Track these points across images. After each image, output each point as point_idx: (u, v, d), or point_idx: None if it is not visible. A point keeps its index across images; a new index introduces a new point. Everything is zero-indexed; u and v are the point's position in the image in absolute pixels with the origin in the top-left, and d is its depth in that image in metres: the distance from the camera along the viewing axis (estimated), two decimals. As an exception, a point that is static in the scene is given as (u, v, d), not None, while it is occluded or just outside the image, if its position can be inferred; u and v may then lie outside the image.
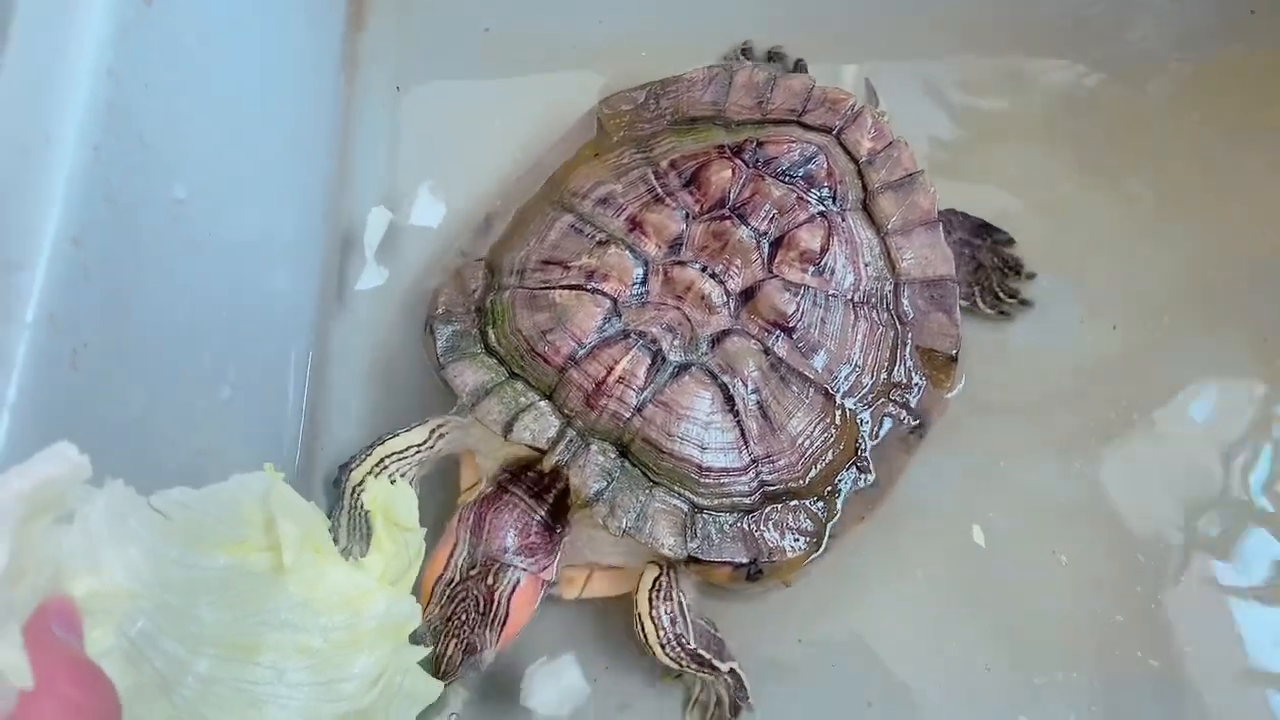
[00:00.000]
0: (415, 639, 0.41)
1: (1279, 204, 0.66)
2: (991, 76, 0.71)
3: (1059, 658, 0.56)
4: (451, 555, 0.51)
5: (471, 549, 0.51)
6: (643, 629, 0.52)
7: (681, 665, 0.53)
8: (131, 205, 0.44)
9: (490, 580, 0.50)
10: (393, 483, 0.53)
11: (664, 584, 0.52)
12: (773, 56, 0.72)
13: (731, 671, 0.53)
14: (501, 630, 0.50)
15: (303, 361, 0.63)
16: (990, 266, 0.65)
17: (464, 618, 0.49)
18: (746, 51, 0.73)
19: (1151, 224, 0.67)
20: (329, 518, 0.54)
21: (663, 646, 0.52)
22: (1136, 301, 0.65)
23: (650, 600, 0.52)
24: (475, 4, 0.74)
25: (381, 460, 0.56)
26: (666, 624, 0.52)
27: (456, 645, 0.49)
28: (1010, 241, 0.66)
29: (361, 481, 0.56)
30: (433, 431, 0.56)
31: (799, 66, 0.71)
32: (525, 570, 0.50)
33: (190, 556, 0.35)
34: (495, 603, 0.50)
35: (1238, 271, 0.65)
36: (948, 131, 0.70)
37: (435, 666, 0.49)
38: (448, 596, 0.50)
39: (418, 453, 0.56)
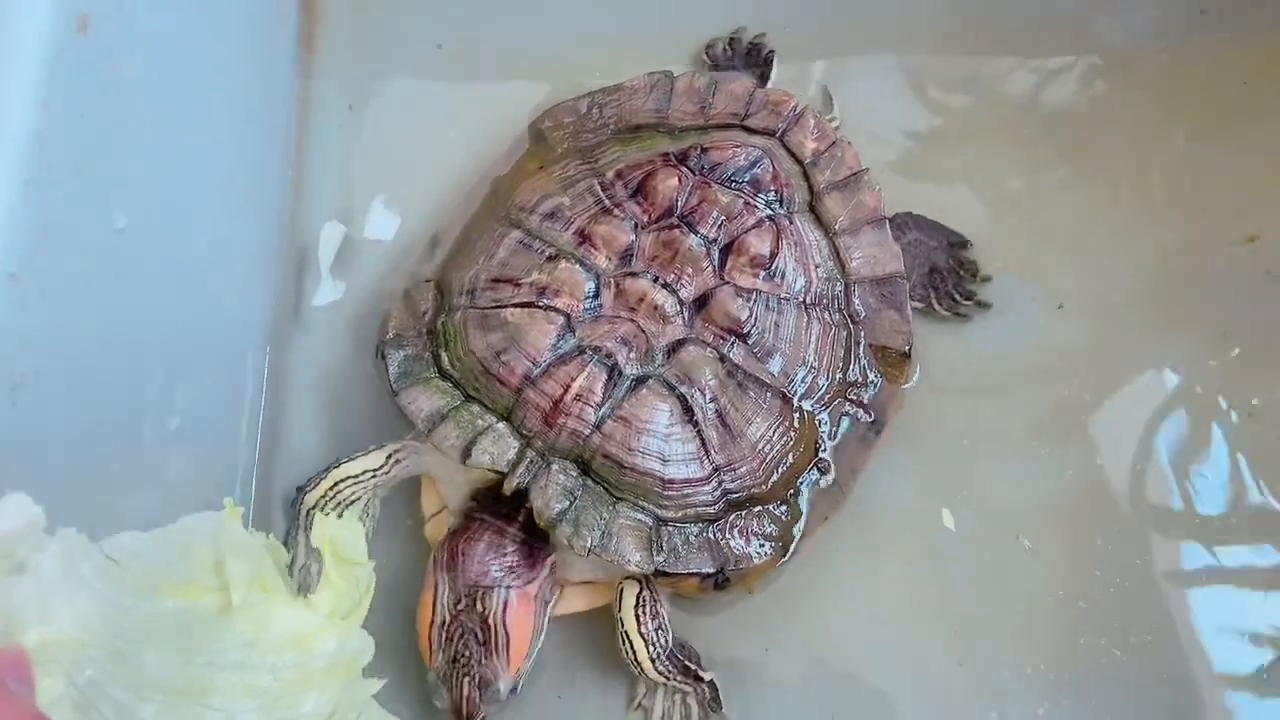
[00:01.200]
0: (369, 673, 0.41)
1: (1242, 199, 0.67)
2: (956, 75, 0.72)
3: (1027, 649, 0.57)
4: (435, 598, 0.50)
5: (452, 584, 0.50)
6: (631, 646, 0.52)
7: (669, 678, 0.53)
8: (69, 237, 0.43)
9: (479, 607, 0.49)
10: (348, 506, 0.53)
11: (647, 599, 0.52)
12: (750, 49, 0.72)
13: (711, 681, 0.54)
14: (508, 654, 0.49)
15: (257, 385, 0.62)
16: (945, 269, 0.65)
17: (467, 653, 0.49)
18: (734, 43, 0.72)
19: (1115, 220, 0.67)
20: (286, 541, 0.55)
21: (653, 661, 0.52)
22: (1099, 296, 0.65)
23: (637, 617, 0.52)
24: (427, 22, 0.73)
25: (336, 484, 0.55)
26: (655, 638, 0.52)
27: (470, 683, 0.49)
28: (965, 244, 0.66)
29: (316, 505, 0.55)
30: (389, 456, 0.56)
31: (768, 59, 0.71)
32: (510, 587, 0.50)
33: (140, 602, 0.35)
34: (492, 628, 0.49)
35: (1200, 266, 0.66)
36: (912, 130, 0.70)
37: (456, 712, 0.49)
38: (445, 638, 0.49)
39: (373, 478, 0.56)
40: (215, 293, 0.58)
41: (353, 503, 0.55)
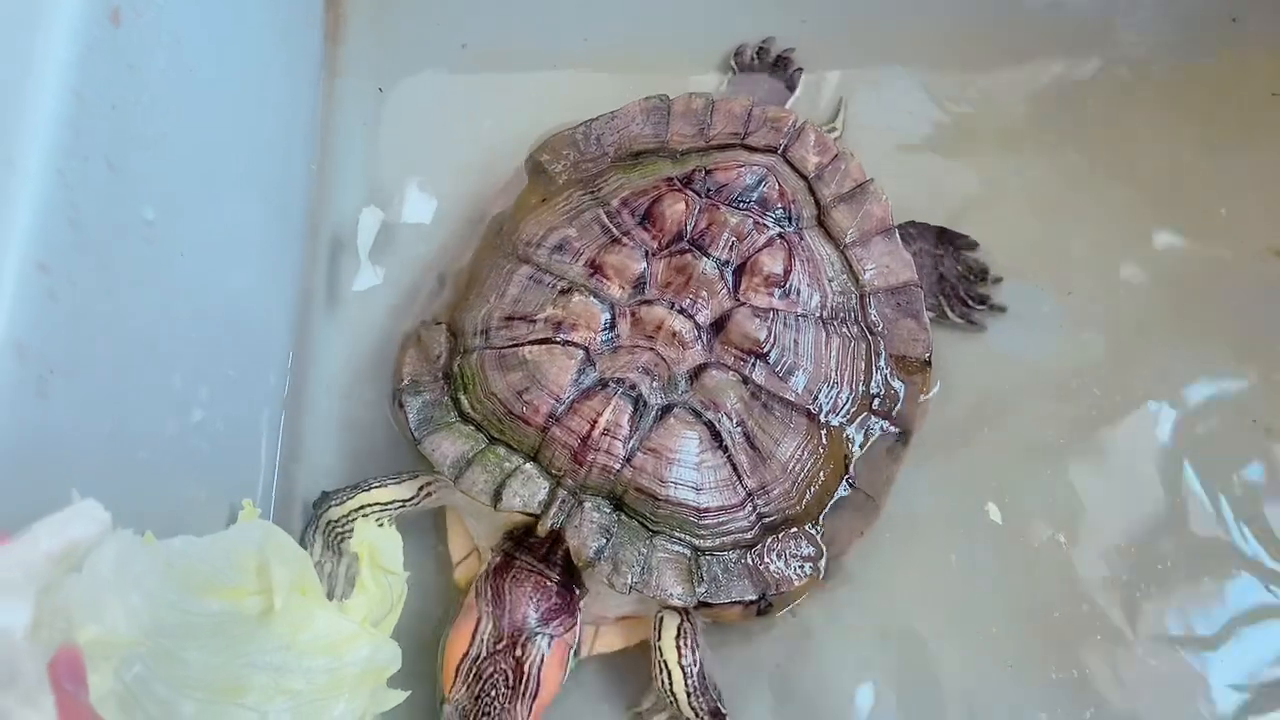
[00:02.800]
0: (392, 684, 0.42)
1: (1259, 208, 0.67)
2: (978, 85, 0.72)
3: (1071, 654, 0.57)
4: (476, 631, 0.49)
5: (496, 621, 0.50)
6: (669, 678, 0.51)
7: (697, 714, 0.52)
8: (99, 228, 0.44)
9: (519, 652, 0.49)
10: (380, 525, 0.53)
11: (688, 631, 0.52)
12: (778, 60, 0.72)
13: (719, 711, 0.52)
14: (533, 703, 0.48)
15: (280, 378, 0.63)
16: (955, 276, 0.64)
17: (493, 694, 0.48)
18: (762, 53, 0.72)
19: (1131, 227, 0.67)
20: (302, 540, 0.56)
21: (689, 695, 0.51)
22: (1116, 304, 0.65)
23: (678, 649, 0.51)
24: (452, 22, 0.74)
25: (362, 506, 0.55)
26: (694, 671, 0.51)
27: None
28: (973, 245, 0.66)
29: (340, 520, 0.55)
30: (421, 489, 0.55)
31: (794, 74, 0.71)
32: (553, 636, 0.50)
33: (186, 601, 0.36)
34: (525, 675, 0.49)
35: (1216, 275, 0.65)
36: (926, 139, 0.70)
37: None
38: (474, 675, 0.49)
39: (401, 507, 0.55)
40: (241, 286, 0.59)
41: (379, 524, 0.55)
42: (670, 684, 0.51)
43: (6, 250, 0.39)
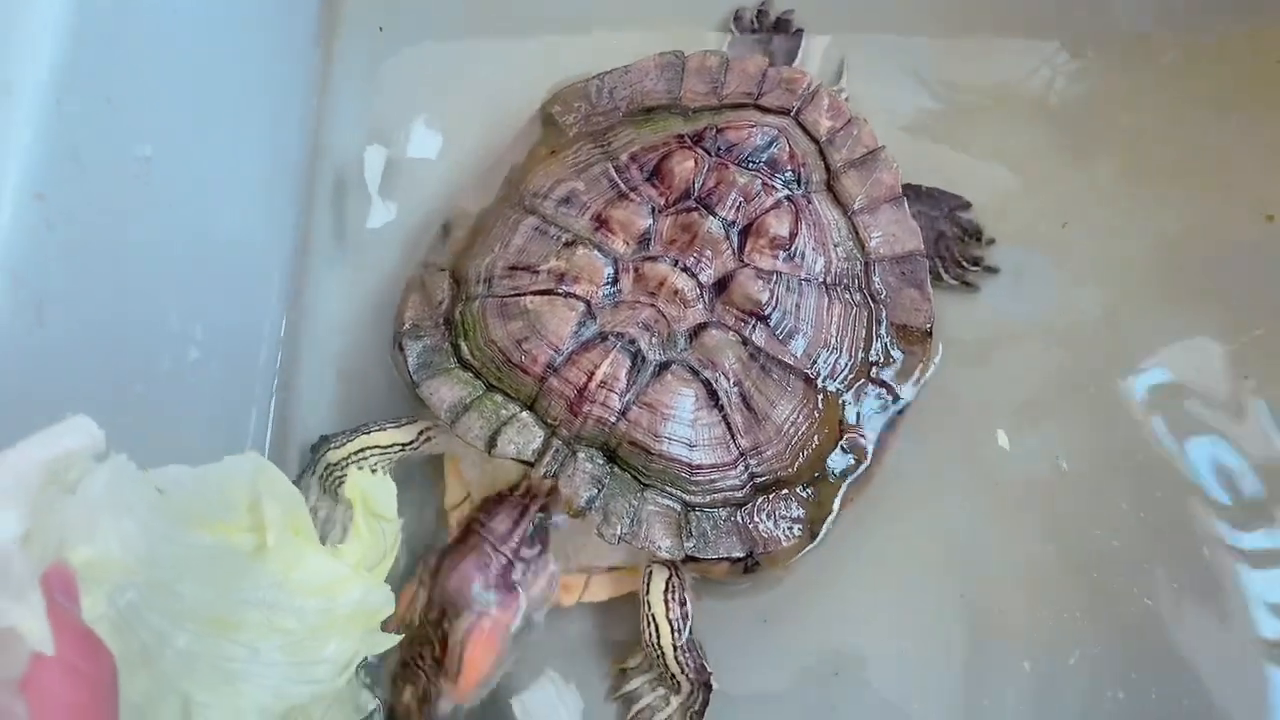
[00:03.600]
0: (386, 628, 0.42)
1: (1254, 180, 0.66)
2: (972, 52, 0.71)
3: (1059, 597, 0.57)
4: (412, 599, 0.50)
5: (430, 591, 0.49)
6: (656, 631, 0.52)
7: (683, 669, 0.52)
8: (96, 162, 0.44)
9: (446, 625, 0.48)
10: (373, 472, 0.53)
11: (676, 585, 0.52)
12: (779, 22, 0.71)
13: (708, 685, 0.53)
14: (457, 679, 0.48)
15: (278, 319, 0.63)
16: (951, 235, 0.64)
17: (419, 665, 0.48)
18: (761, 16, 0.71)
19: (1126, 198, 0.67)
20: (298, 483, 0.56)
21: (674, 648, 0.51)
22: (1114, 272, 0.65)
23: (665, 602, 0.52)
24: None
25: (362, 449, 0.55)
26: (681, 625, 0.52)
27: (412, 693, 0.48)
28: (966, 206, 0.66)
29: (339, 463, 0.55)
30: (421, 433, 0.56)
31: (796, 35, 0.70)
32: (482, 614, 0.48)
33: (180, 533, 0.36)
34: (449, 650, 0.48)
35: (1211, 246, 0.65)
36: (924, 105, 0.69)
37: (391, 715, 0.48)
38: (406, 639, 0.48)
39: (401, 451, 0.56)
40: (238, 225, 0.59)
41: (374, 471, 0.54)
42: (658, 637, 0.52)
43: (4, 178, 0.39)
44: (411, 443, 0.56)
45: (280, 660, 0.37)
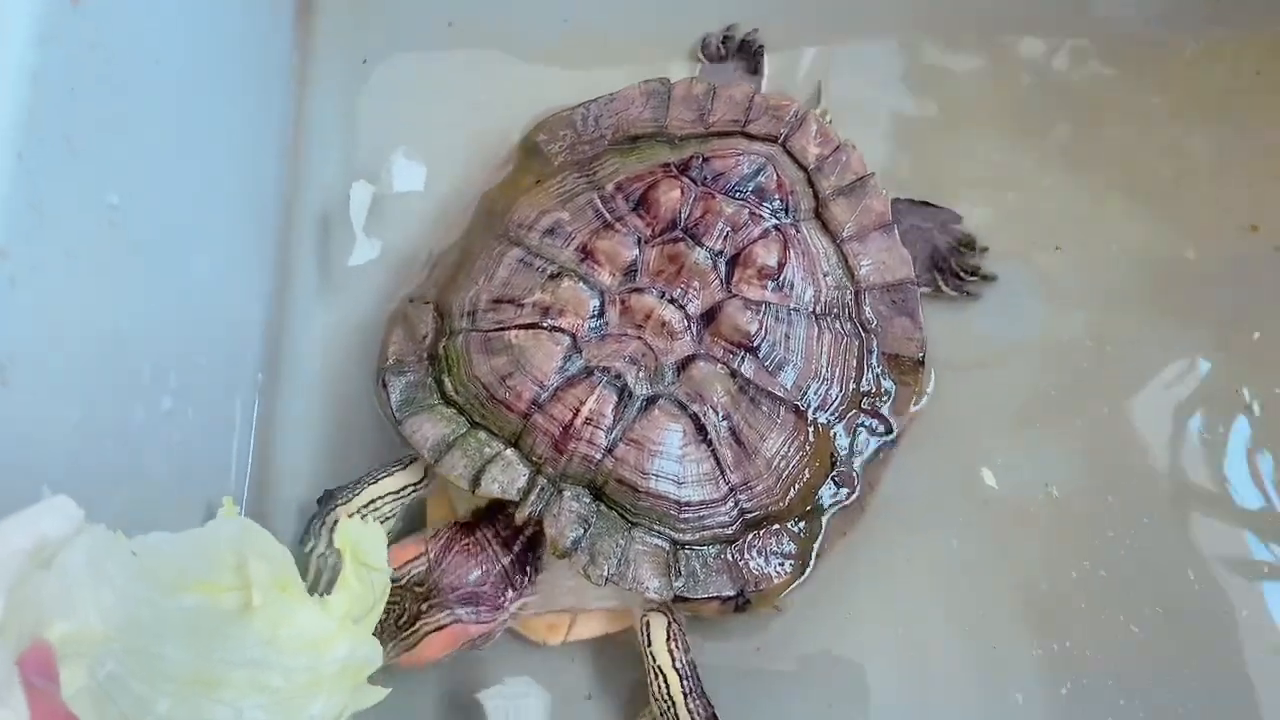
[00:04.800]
0: (373, 681, 0.41)
1: (1244, 189, 0.66)
2: (954, 62, 0.71)
3: (1051, 626, 0.57)
4: (409, 564, 0.50)
5: (430, 569, 0.50)
6: (665, 682, 0.51)
7: (695, 716, 0.51)
8: (61, 213, 0.43)
9: (424, 606, 0.49)
10: (386, 520, 0.53)
11: (676, 633, 0.51)
12: (743, 44, 0.70)
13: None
14: (405, 655, 0.49)
15: (255, 364, 0.62)
16: (945, 248, 0.64)
17: (384, 620, 0.48)
18: (728, 41, 0.71)
19: (1116, 207, 0.67)
20: (306, 544, 0.55)
21: (685, 696, 0.50)
22: (1100, 283, 0.65)
23: (671, 653, 0.51)
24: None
25: (372, 500, 0.54)
26: (688, 672, 0.51)
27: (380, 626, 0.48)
28: (958, 219, 0.65)
29: (355, 516, 0.54)
30: (426, 470, 0.54)
31: (757, 55, 0.69)
32: (458, 620, 0.49)
33: (161, 596, 0.35)
34: (415, 629, 0.49)
35: (1202, 255, 0.65)
36: (907, 117, 0.69)
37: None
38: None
39: (414, 491, 0.55)
40: (211, 269, 0.58)
41: (389, 518, 0.54)
42: (667, 688, 0.51)
43: None
44: (421, 481, 0.55)
45: (263, 719, 0.36)
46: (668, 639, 0.51)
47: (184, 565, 0.36)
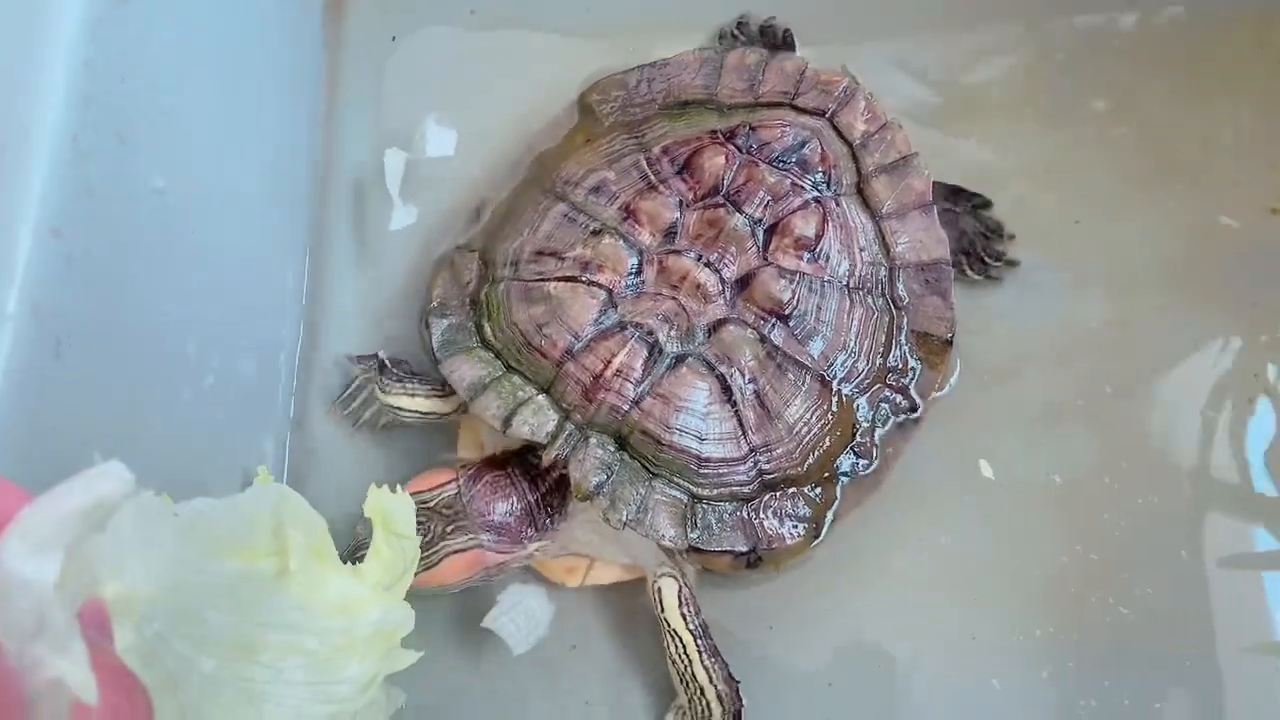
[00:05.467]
0: (406, 644, 0.42)
1: (1261, 167, 0.66)
2: (975, 48, 0.70)
3: (1038, 612, 0.58)
4: (441, 487, 0.52)
5: (459, 496, 0.52)
6: (681, 643, 0.53)
7: (711, 678, 0.53)
8: (111, 196, 0.45)
9: (448, 528, 0.51)
10: (396, 426, 0.56)
11: (687, 596, 0.53)
12: (765, 30, 0.71)
13: (739, 712, 0.53)
14: (421, 574, 0.50)
15: (293, 341, 0.64)
16: (973, 232, 0.64)
17: (421, 520, 0.50)
18: (742, 27, 0.71)
19: (1139, 191, 0.66)
20: (339, 398, 0.60)
21: (701, 655, 0.52)
22: (1123, 268, 0.65)
23: (683, 615, 0.53)
24: None
25: (400, 408, 0.58)
26: (702, 632, 0.53)
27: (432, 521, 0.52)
28: (987, 204, 0.65)
29: (382, 396, 0.58)
30: (458, 407, 0.57)
31: (786, 38, 0.70)
32: (479, 544, 0.52)
33: (205, 561, 0.36)
34: (437, 549, 0.51)
35: (1226, 239, 0.65)
36: (931, 101, 0.69)
37: None
38: (423, 502, 0.51)
39: (438, 419, 0.58)
40: (252, 241, 0.60)
41: (405, 426, 0.59)
42: (684, 650, 0.53)
43: (24, 215, 0.40)
44: (451, 413, 0.58)
45: (302, 680, 0.37)
46: (679, 603, 0.53)
47: (225, 531, 0.37)
